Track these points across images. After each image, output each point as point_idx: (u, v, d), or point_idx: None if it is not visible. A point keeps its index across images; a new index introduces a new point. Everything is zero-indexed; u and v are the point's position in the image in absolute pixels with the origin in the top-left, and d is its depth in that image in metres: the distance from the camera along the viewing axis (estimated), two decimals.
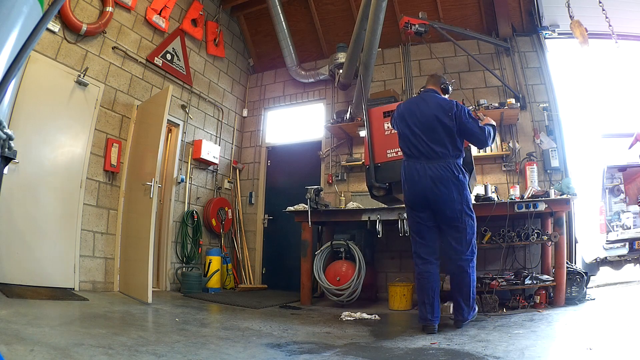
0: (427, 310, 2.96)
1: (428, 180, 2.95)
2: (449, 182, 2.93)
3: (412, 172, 3.04)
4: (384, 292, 4.89)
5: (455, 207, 2.94)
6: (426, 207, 3.01)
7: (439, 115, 3.00)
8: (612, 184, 6.48)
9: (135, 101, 4.86)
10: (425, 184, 2.96)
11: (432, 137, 2.99)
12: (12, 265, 3.49)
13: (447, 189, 2.93)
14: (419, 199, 3.02)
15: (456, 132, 2.99)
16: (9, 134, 1.02)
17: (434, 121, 3.00)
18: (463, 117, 2.99)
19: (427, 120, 3.03)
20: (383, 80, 6.13)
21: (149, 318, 3.32)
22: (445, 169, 2.94)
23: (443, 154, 2.97)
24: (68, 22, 4.04)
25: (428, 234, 3.07)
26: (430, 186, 2.94)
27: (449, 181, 2.93)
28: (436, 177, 2.93)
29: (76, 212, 4.12)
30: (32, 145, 3.75)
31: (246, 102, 7.07)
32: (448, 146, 2.98)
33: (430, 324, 2.92)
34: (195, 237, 5.51)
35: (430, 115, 3.03)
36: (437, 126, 2.99)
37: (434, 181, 2.93)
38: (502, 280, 3.95)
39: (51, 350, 1.96)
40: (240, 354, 2.28)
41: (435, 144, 2.98)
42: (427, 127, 3.02)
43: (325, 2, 6.32)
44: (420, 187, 2.98)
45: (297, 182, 5.92)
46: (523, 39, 5.55)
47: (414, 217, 3.10)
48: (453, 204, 2.93)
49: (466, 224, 2.98)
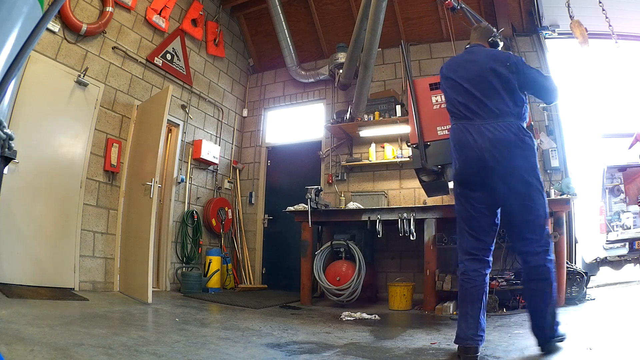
0: (467, 326, 2.19)
1: (486, 143, 2.25)
2: (512, 146, 2.24)
3: (463, 136, 2.36)
4: (384, 292, 4.89)
5: (523, 178, 2.23)
6: (481, 182, 2.31)
7: (494, 65, 2.38)
8: (612, 184, 6.48)
9: (135, 101, 4.86)
10: (481, 149, 2.26)
11: (487, 92, 2.35)
12: (12, 265, 3.49)
13: (511, 154, 2.23)
14: (472, 170, 2.32)
15: (517, 86, 2.36)
16: (9, 134, 1.02)
17: (487, 73, 2.37)
18: (524, 67, 2.40)
19: (479, 72, 2.41)
20: (383, 80, 6.14)
21: (149, 318, 3.32)
22: (507, 130, 2.26)
23: (502, 112, 2.30)
24: (68, 22, 4.04)
25: (480, 221, 2.34)
26: (489, 151, 2.24)
27: (512, 145, 2.24)
28: (496, 140, 2.25)
29: (76, 212, 4.12)
30: (32, 145, 3.74)
31: (246, 102, 7.07)
32: (508, 102, 2.32)
33: (470, 344, 2.15)
34: (195, 237, 5.51)
35: (482, 66, 2.42)
36: (492, 78, 2.35)
37: (493, 144, 2.24)
38: (502, 280, 3.95)
39: (51, 350, 1.96)
40: (240, 354, 2.28)
41: (492, 100, 2.32)
42: (479, 80, 2.39)
43: (325, 2, 6.32)
44: (475, 154, 2.28)
45: (297, 182, 5.92)
46: (523, 39, 5.55)
47: (464, 197, 2.38)
48: (519, 174, 2.23)
49: (536, 203, 2.23)
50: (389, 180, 5.75)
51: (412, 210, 4.39)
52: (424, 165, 3.26)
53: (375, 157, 5.77)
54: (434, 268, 4.18)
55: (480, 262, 2.31)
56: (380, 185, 5.77)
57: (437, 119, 3.34)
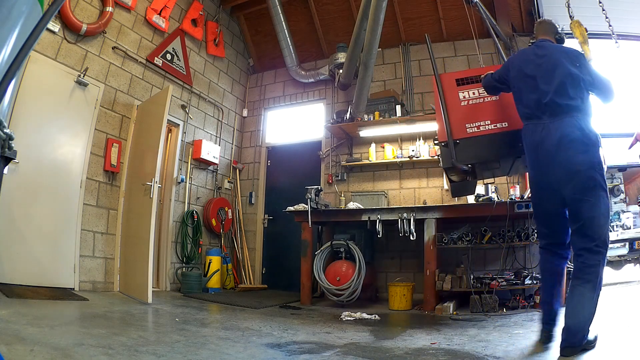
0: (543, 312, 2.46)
1: (554, 141, 2.31)
2: (579, 144, 2.26)
3: (534, 137, 2.43)
4: (384, 292, 4.89)
5: (587, 173, 2.24)
6: (551, 181, 2.36)
7: (566, 62, 2.41)
8: (612, 184, 6.48)
9: (135, 101, 4.86)
10: (550, 148, 2.32)
11: (556, 88, 2.37)
12: (12, 265, 3.49)
13: (578, 152, 2.26)
14: (543, 169, 2.39)
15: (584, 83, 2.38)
16: (9, 134, 1.02)
17: (557, 68, 2.40)
18: (590, 66, 2.44)
19: (551, 68, 2.43)
20: (383, 80, 6.14)
21: (149, 318, 3.32)
22: (574, 126, 2.29)
23: (571, 108, 2.33)
24: (68, 22, 4.04)
25: (553, 218, 2.43)
26: (557, 149, 2.30)
27: (579, 142, 2.27)
28: (564, 137, 2.29)
29: (76, 212, 4.12)
30: (32, 145, 3.74)
31: (246, 102, 7.07)
32: (577, 99, 2.35)
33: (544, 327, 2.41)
34: (195, 237, 5.51)
35: (555, 62, 2.44)
36: (561, 74, 2.38)
37: (561, 142, 2.29)
38: (502, 280, 3.95)
39: (51, 350, 1.96)
40: (240, 354, 2.28)
41: (561, 97, 2.35)
42: (551, 76, 2.41)
43: (325, 2, 6.32)
44: (545, 154, 2.35)
45: (297, 182, 5.92)
46: (523, 39, 5.54)
47: (537, 195, 2.50)
48: (585, 172, 2.24)
49: (600, 201, 2.23)
50: (389, 180, 5.76)
51: (412, 210, 4.39)
52: (454, 164, 3.07)
53: (375, 157, 5.77)
54: (434, 268, 4.18)
55: (553, 255, 2.45)
56: (380, 185, 5.77)
57: (465, 116, 3.18)
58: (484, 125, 3.06)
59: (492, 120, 3.07)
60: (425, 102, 5.78)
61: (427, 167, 5.59)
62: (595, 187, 2.23)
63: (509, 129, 2.98)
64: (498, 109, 3.08)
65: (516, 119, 2.78)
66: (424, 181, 5.59)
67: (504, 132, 3.01)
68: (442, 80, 3.30)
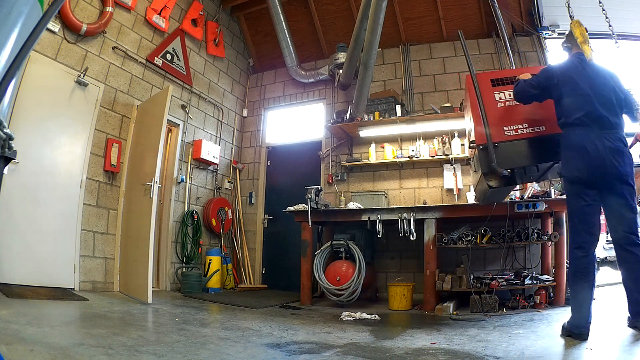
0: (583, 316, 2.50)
1: (607, 151, 2.54)
2: (624, 155, 2.57)
3: (586, 142, 2.59)
4: (384, 292, 4.89)
5: (629, 182, 2.56)
6: (599, 184, 2.59)
7: (614, 84, 2.70)
8: None
9: (135, 101, 4.86)
10: (603, 156, 2.54)
11: (608, 106, 2.63)
12: (12, 265, 3.49)
13: (624, 162, 2.55)
14: (595, 173, 2.57)
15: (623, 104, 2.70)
16: (9, 134, 1.02)
17: (610, 90, 2.67)
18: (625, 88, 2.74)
19: (603, 86, 2.67)
20: (383, 80, 6.14)
21: (149, 318, 3.32)
22: (619, 141, 2.59)
23: (616, 125, 2.63)
24: (68, 22, 4.04)
25: (593, 218, 2.62)
26: (609, 158, 2.53)
27: (623, 154, 2.57)
28: (614, 149, 2.55)
29: (76, 212, 4.12)
30: (32, 145, 3.74)
31: (246, 102, 7.07)
32: (620, 116, 2.67)
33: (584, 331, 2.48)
34: (195, 237, 5.51)
35: (606, 82, 2.70)
36: (612, 95, 2.66)
37: (612, 152, 2.54)
38: (502, 280, 3.95)
39: (51, 350, 1.96)
40: (240, 354, 2.28)
41: (609, 113, 2.61)
42: (603, 94, 2.65)
43: (325, 2, 6.32)
44: (598, 159, 2.54)
45: (297, 182, 5.92)
46: (523, 39, 5.55)
47: (582, 196, 2.62)
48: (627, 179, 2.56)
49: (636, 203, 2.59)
50: (389, 180, 5.76)
51: (412, 210, 4.39)
52: (494, 169, 2.94)
53: (375, 157, 5.77)
54: (434, 268, 4.18)
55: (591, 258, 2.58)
56: (380, 185, 5.77)
57: (502, 118, 3.06)
58: (522, 128, 2.99)
59: (530, 124, 3.01)
60: (425, 102, 5.78)
61: (427, 167, 5.60)
62: (633, 193, 2.58)
63: (546, 133, 2.96)
64: (534, 112, 3.01)
65: (552, 123, 2.81)
66: (424, 181, 5.59)
67: (541, 136, 2.97)
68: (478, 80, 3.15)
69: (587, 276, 2.53)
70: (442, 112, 5.27)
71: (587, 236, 2.59)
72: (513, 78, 3.06)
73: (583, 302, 2.50)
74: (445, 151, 5.41)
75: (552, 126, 2.86)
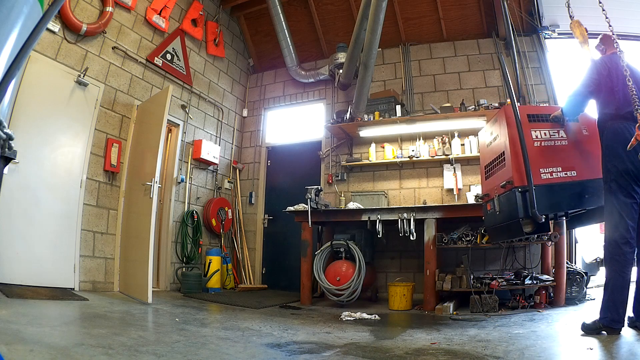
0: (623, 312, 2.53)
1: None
2: None
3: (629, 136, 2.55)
4: (384, 292, 4.89)
5: None
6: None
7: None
8: None
9: (135, 101, 4.86)
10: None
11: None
12: (12, 265, 3.49)
13: None
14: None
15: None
16: (9, 134, 1.02)
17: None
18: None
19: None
20: (383, 80, 6.14)
21: (149, 318, 3.32)
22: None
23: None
24: (68, 22, 4.04)
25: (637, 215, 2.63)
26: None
27: None
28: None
29: (76, 212, 4.12)
30: (32, 145, 3.74)
31: (246, 102, 7.07)
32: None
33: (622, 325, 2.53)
34: (195, 237, 5.51)
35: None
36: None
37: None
38: (502, 280, 3.95)
39: (51, 350, 1.96)
40: (240, 354, 2.28)
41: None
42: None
43: (325, 2, 6.32)
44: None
45: (297, 182, 5.92)
46: (523, 39, 5.55)
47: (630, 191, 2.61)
48: None
49: None
50: (389, 180, 5.76)
51: (412, 210, 4.39)
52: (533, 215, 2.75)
53: (375, 157, 5.77)
54: (434, 268, 4.18)
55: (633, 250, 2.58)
56: (380, 185, 5.77)
57: (538, 159, 2.87)
58: (557, 172, 2.88)
59: (563, 168, 2.90)
60: (425, 102, 5.78)
61: (427, 167, 5.60)
62: None
63: (577, 179, 2.89)
64: (567, 155, 2.95)
65: (582, 167, 2.80)
66: (423, 181, 5.59)
67: (573, 181, 2.89)
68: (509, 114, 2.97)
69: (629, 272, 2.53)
70: (442, 112, 5.27)
71: (634, 232, 2.59)
72: (547, 115, 2.99)
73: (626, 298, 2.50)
74: (445, 151, 5.41)
75: (582, 171, 2.83)
